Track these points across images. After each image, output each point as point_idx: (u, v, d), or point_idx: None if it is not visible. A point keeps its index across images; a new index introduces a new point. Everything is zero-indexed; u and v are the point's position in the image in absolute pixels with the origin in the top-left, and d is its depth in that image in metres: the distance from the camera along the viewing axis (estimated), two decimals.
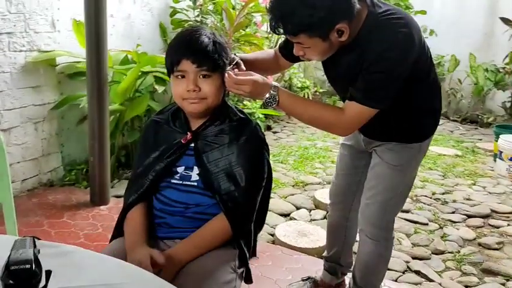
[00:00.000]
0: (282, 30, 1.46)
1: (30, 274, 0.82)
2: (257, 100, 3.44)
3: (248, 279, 1.51)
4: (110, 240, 1.53)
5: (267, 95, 1.53)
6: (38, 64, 3.06)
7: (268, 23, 1.50)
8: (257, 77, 1.51)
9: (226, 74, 1.46)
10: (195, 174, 1.46)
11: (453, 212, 3.42)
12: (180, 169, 1.48)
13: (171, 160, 1.47)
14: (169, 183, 1.47)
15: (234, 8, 3.83)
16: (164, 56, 1.50)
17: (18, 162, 3.06)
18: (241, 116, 1.52)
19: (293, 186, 3.74)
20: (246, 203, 1.43)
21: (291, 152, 4.62)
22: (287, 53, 1.77)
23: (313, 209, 3.31)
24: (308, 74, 6.59)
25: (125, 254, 1.34)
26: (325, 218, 3.18)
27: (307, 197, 3.49)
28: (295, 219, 3.13)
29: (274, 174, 3.81)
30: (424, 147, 1.80)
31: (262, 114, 4.51)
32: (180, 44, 1.43)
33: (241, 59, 1.62)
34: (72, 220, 2.78)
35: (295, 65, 6.11)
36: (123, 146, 3.76)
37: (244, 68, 1.59)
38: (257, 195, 1.47)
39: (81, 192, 3.18)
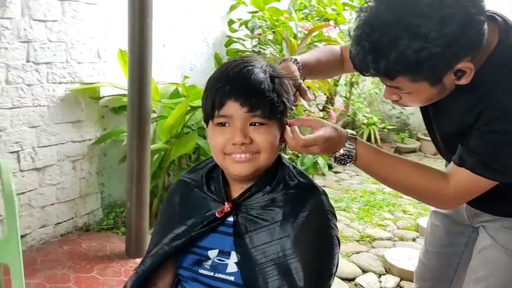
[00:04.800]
0: (372, 70, 1.01)
1: None
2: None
3: None
4: None
5: (341, 151, 1.10)
6: (79, 97, 2.81)
7: (351, 60, 1.05)
8: (329, 130, 1.08)
9: (288, 129, 1.05)
10: (232, 263, 1.03)
11: None
12: (213, 253, 1.05)
13: (193, 236, 1.05)
14: (195, 274, 1.05)
15: (295, 37, 3.45)
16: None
17: (52, 204, 2.77)
18: (302, 180, 1.08)
19: (358, 241, 3.21)
20: None
21: (355, 197, 4.09)
22: None
23: (383, 274, 2.76)
24: (374, 108, 6.06)
25: None
26: (398, 286, 2.63)
27: (376, 257, 2.94)
28: (361, 286, 2.60)
29: None
30: None
31: None
32: (224, 79, 1.01)
33: (302, 65, 1.23)
34: (102, 276, 2.43)
35: (361, 98, 5.62)
36: (168, 188, 3.42)
37: (311, 97, 1.19)
38: None
39: (118, 239, 2.84)
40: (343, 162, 1.10)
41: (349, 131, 1.11)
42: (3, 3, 2.30)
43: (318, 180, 4.50)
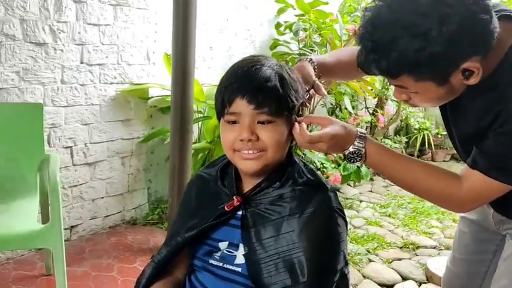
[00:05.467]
0: (374, 70, 1.02)
1: None
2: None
3: None
4: None
5: (351, 149, 1.11)
6: (128, 97, 2.96)
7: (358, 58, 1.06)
8: (337, 128, 1.09)
9: (296, 125, 1.08)
10: (240, 255, 1.07)
11: None
12: (223, 245, 1.10)
13: (204, 228, 1.10)
14: (206, 264, 1.10)
15: (340, 40, 3.43)
16: None
17: (102, 198, 2.94)
18: (310, 177, 1.10)
19: (401, 248, 3.13)
20: None
21: (402, 203, 3.99)
22: None
23: (424, 282, 2.68)
24: (429, 113, 5.87)
25: None
26: None
27: (418, 265, 2.87)
28: None
29: (379, 231, 3.33)
30: None
31: None
32: (233, 77, 1.06)
33: (319, 64, 1.24)
34: (143, 267, 2.54)
35: None
36: None
37: (325, 93, 1.21)
38: None
39: (161, 234, 2.96)
40: (352, 160, 1.11)
41: (360, 129, 1.11)
42: (60, 8, 2.48)
43: (366, 185, 4.43)
